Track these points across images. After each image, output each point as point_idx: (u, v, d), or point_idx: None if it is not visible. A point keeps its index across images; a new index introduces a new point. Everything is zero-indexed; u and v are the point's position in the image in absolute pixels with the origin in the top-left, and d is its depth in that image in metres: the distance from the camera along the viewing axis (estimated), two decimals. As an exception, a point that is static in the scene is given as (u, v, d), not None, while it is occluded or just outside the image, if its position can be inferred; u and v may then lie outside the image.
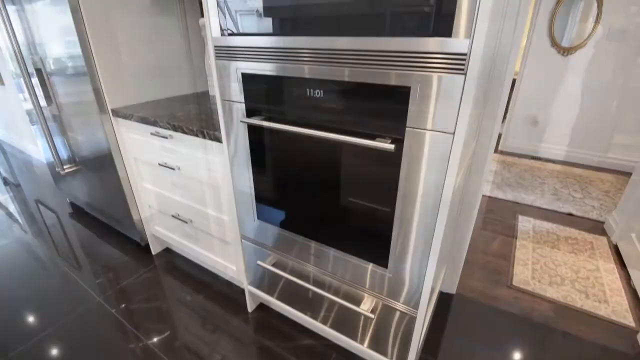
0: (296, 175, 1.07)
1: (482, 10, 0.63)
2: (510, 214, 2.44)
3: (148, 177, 1.70)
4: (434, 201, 0.84)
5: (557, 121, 3.37)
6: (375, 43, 0.76)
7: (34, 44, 1.73)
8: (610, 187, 2.86)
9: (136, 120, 1.48)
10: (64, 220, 2.38)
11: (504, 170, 3.21)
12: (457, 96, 0.72)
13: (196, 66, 1.95)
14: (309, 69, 0.88)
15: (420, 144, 0.80)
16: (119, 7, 1.52)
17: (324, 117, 0.92)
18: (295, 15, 0.85)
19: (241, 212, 1.31)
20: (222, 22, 0.99)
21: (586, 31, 3.00)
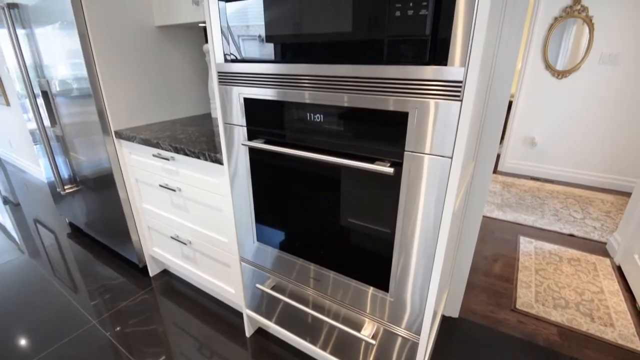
0: (296, 197, 1.08)
1: (476, 40, 0.66)
2: (512, 234, 2.42)
3: (148, 198, 1.70)
4: (434, 223, 0.84)
5: (554, 142, 3.40)
6: (373, 70, 0.78)
7: (41, 66, 1.78)
8: (610, 208, 2.86)
9: (139, 142, 1.50)
10: (61, 240, 2.37)
11: (504, 190, 3.21)
12: (453, 122, 0.73)
13: (199, 89, 1.99)
14: (309, 95, 0.91)
15: (419, 167, 0.81)
16: (125, 32, 1.57)
17: (324, 140, 0.93)
18: (295, 43, 0.88)
19: (241, 233, 1.31)
20: (226, 50, 1.02)
21: (579, 55, 3.09)
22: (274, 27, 0.89)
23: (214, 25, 1.01)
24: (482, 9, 0.64)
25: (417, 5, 0.69)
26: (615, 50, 2.96)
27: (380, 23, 0.74)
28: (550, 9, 3.11)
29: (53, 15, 1.50)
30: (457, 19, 0.66)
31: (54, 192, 2.36)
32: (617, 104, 3.06)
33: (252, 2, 0.90)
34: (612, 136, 3.15)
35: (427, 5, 0.68)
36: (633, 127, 3.05)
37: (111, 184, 1.72)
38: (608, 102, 3.09)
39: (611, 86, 3.04)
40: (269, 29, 0.90)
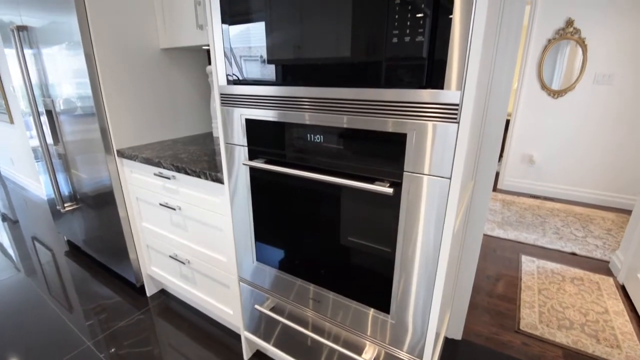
0: (296, 216, 1.08)
1: (471, 66, 0.68)
2: (513, 253, 2.40)
3: (148, 216, 1.70)
4: (434, 243, 0.84)
5: (553, 160, 3.43)
6: (372, 93, 0.80)
7: (47, 85, 1.81)
8: (612, 226, 2.85)
9: (140, 161, 1.52)
10: (59, 258, 2.35)
11: (504, 208, 3.21)
12: (451, 143, 0.74)
13: (202, 108, 2.03)
14: (309, 116, 0.92)
15: (418, 187, 0.82)
16: (130, 54, 1.61)
17: (324, 160, 0.95)
18: (296, 67, 0.90)
19: (240, 253, 1.30)
20: (228, 71, 1.05)
21: (574, 75, 3.15)
22: (275, 51, 0.92)
23: (217, 49, 1.04)
24: (476, 36, 0.66)
25: (414, 32, 0.71)
26: (609, 71, 3.02)
27: (378, 48, 0.76)
28: (544, 32, 3.20)
29: (60, 36, 1.55)
30: (453, 45, 0.69)
31: (54, 210, 2.36)
32: (614, 123, 3.10)
33: (254, 26, 0.93)
34: (610, 154, 3.18)
35: (423, 32, 0.70)
36: (631, 145, 3.08)
37: (111, 202, 1.72)
38: (605, 121, 3.13)
39: (607, 105, 3.09)
40: (271, 53, 0.93)
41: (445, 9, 0.68)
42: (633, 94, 2.98)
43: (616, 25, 2.92)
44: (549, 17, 3.14)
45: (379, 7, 0.74)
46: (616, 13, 2.89)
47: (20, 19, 1.77)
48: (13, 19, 1.83)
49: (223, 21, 0.99)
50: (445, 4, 0.67)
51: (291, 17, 0.86)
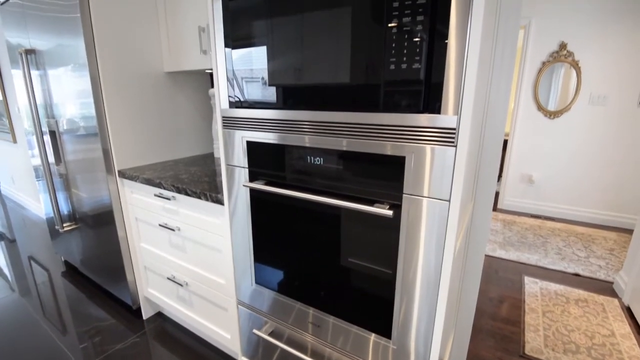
0: (296, 237, 1.07)
1: (466, 91, 0.70)
2: (516, 274, 2.37)
3: (147, 237, 1.69)
4: (435, 265, 0.84)
5: (552, 180, 3.44)
6: (371, 117, 0.82)
7: (51, 105, 1.85)
8: (614, 245, 2.82)
9: (141, 181, 1.52)
10: (55, 279, 2.31)
11: (505, 229, 3.19)
12: (449, 166, 0.75)
13: (203, 129, 2.06)
14: (309, 139, 0.94)
15: (418, 209, 0.82)
16: (135, 76, 1.65)
17: (324, 182, 0.95)
18: (296, 91, 0.92)
19: (239, 275, 1.28)
20: (230, 93, 1.07)
21: (569, 96, 3.21)
22: (276, 75, 0.94)
23: (220, 74, 1.06)
24: (471, 62, 0.68)
25: (410, 59, 0.74)
26: (603, 92, 3.08)
27: (376, 74, 0.78)
28: (538, 54, 3.28)
29: (67, 58, 1.59)
30: (449, 71, 0.71)
31: (52, 229, 2.35)
32: (612, 142, 3.13)
33: (256, 51, 0.96)
34: (609, 174, 3.19)
35: (420, 60, 0.73)
36: (630, 164, 3.10)
37: (110, 222, 1.71)
38: (602, 141, 3.16)
39: (603, 125, 3.13)
40: (272, 77, 0.95)
41: (440, 36, 0.70)
42: (628, 114, 3.03)
43: (608, 47, 3.00)
44: (542, 40, 3.23)
45: (376, 35, 0.76)
46: (608, 36, 2.98)
47: (28, 41, 1.83)
48: (22, 41, 1.89)
49: (226, 45, 1.03)
50: (440, 31, 0.70)
51: (292, 43, 0.89)
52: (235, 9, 0.98)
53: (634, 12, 2.86)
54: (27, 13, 1.76)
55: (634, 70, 2.95)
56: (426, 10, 0.70)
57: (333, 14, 0.81)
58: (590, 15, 3.01)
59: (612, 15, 2.93)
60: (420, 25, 0.71)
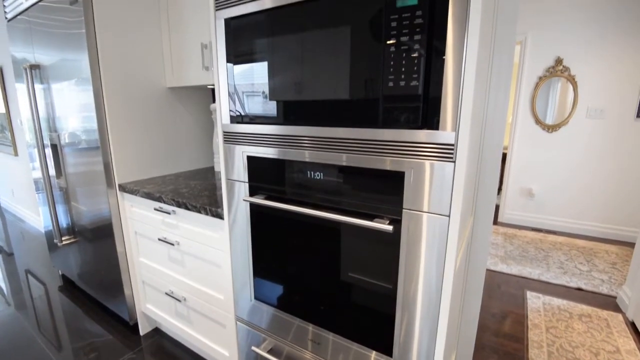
0: (296, 252, 1.07)
1: (464, 108, 0.71)
2: (518, 289, 2.34)
3: (145, 251, 1.68)
4: (436, 281, 0.83)
5: (553, 193, 3.44)
6: (370, 133, 0.83)
7: (54, 119, 1.86)
8: (616, 259, 2.80)
9: (142, 195, 1.53)
10: (52, 293, 2.28)
11: (506, 242, 3.17)
12: (448, 181, 0.76)
13: (204, 143, 2.07)
14: (309, 154, 0.94)
15: (418, 224, 0.82)
16: (137, 91, 1.67)
17: (324, 197, 0.95)
18: (297, 107, 0.93)
19: (237, 290, 1.27)
20: (232, 111, 1.08)
21: (567, 110, 3.25)
22: (277, 92, 0.96)
23: (222, 91, 1.08)
24: (468, 80, 0.70)
25: (409, 77, 0.75)
26: (600, 105, 3.12)
27: (375, 91, 0.80)
28: (535, 69, 3.33)
29: (70, 72, 1.61)
30: (446, 89, 0.72)
31: (50, 243, 2.33)
32: (611, 156, 3.14)
33: (257, 68, 0.98)
34: (609, 187, 3.19)
35: (417, 77, 0.74)
36: (630, 177, 3.11)
37: (109, 236, 1.71)
38: (601, 154, 3.18)
39: (602, 138, 3.16)
40: (273, 94, 0.97)
41: (437, 54, 0.72)
42: (626, 127, 3.05)
43: (603, 62, 3.05)
44: (539, 55, 3.29)
45: (375, 53, 0.78)
46: (603, 51, 3.04)
47: (33, 56, 1.86)
48: (27, 56, 1.92)
49: (228, 61, 1.05)
50: (437, 50, 0.71)
51: (292, 61, 0.91)
52: (236, 27, 1.01)
53: (628, 28, 2.93)
54: (33, 29, 1.80)
55: (630, 84, 2.99)
56: (423, 29, 0.72)
57: (333, 32, 0.83)
58: (584, 31, 3.07)
59: (606, 31, 2.99)
60: (417, 44, 0.73)
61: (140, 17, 1.62)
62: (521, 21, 3.27)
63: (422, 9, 0.71)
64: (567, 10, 3.10)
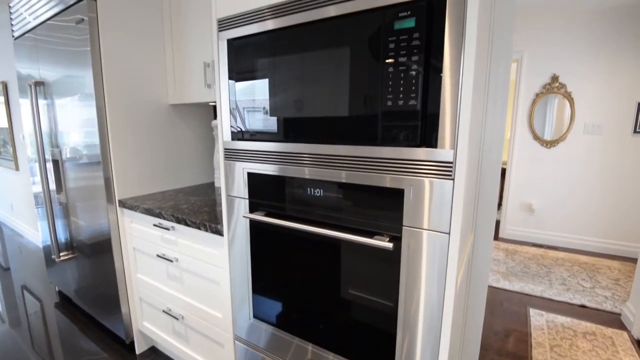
0: (295, 269, 1.06)
1: (462, 127, 0.72)
2: (520, 306, 2.31)
3: (144, 268, 1.66)
4: (438, 299, 0.82)
5: (553, 208, 3.43)
6: (369, 151, 0.84)
7: (56, 134, 1.88)
8: (619, 275, 2.77)
9: (141, 211, 1.52)
10: (47, 309, 2.25)
11: (508, 258, 3.15)
12: (448, 199, 0.76)
13: (205, 159, 2.08)
14: (309, 171, 0.95)
15: (418, 242, 0.82)
16: (140, 108, 1.69)
17: (324, 214, 0.95)
18: (297, 124, 0.95)
19: (236, 308, 1.25)
20: (233, 127, 1.10)
21: (564, 126, 3.28)
22: (277, 111, 0.97)
23: (224, 108, 1.10)
24: (465, 99, 0.71)
25: (407, 96, 0.76)
26: (597, 121, 3.15)
27: (375, 110, 0.81)
28: (531, 86, 3.39)
29: (74, 88, 1.64)
30: (444, 107, 0.73)
31: (48, 258, 2.31)
32: (610, 171, 3.16)
33: (259, 86, 1.00)
34: (609, 202, 3.19)
35: (416, 97, 0.75)
36: (629, 193, 3.11)
37: (108, 251, 1.69)
38: (600, 169, 3.19)
39: (600, 154, 3.17)
40: (273, 112, 0.98)
41: (435, 75, 0.73)
42: (623, 142, 3.08)
43: (599, 79, 3.10)
44: (535, 73, 3.35)
45: (374, 73, 0.80)
46: (598, 68, 3.09)
47: (38, 72, 1.89)
48: (32, 72, 1.95)
49: (230, 78, 1.07)
50: (435, 70, 0.73)
51: (293, 81, 0.93)
52: (239, 47, 1.03)
53: (623, 44, 2.99)
54: (39, 46, 1.84)
55: (626, 100, 3.03)
56: (420, 50, 0.73)
57: (332, 53, 0.85)
58: (579, 48, 3.13)
59: (601, 48, 3.06)
60: (415, 64, 0.74)
61: (145, 36, 1.66)
62: (517, 39, 3.34)
63: (419, 31, 0.73)
64: (562, 29, 3.18)
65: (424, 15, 0.72)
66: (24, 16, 1.92)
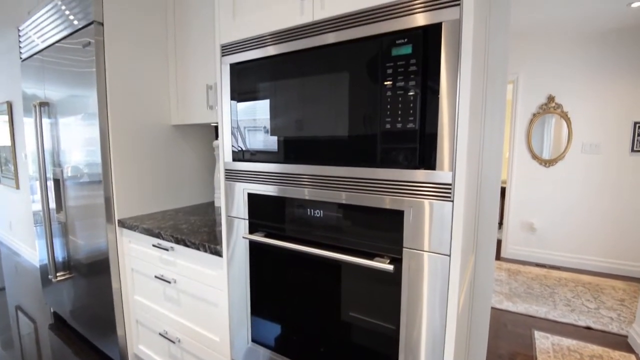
0: (295, 291, 1.05)
1: (459, 149, 0.73)
2: (525, 328, 2.26)
3: (141, 289, 1.64)
4: (440, 321, 0.81)
5: (554, 227, 3.41)
6: (368, 172, 0.85)
7: (58, 153, 1.89)
8: (624, 295, 2.72)
9: (141, 231, 1.52)
10: (41, 331, 2.20)
11: (510, 279, 3.10)
12: (447, 221, 0.76)
13: (205, 179, 2.09)
14: (309, 192, 0.96)
15: (419, 264, 0.81)
16: (142, 128, 1.71)
17: (324, 235, 0.95)
18: (297, 146, 0.96)
19: (234, 332, 1.23)
20: (234, 147, 1.11)
21: (562, 145, 3.31)
22: (277, 132, 0.99)
23: (225, 130, 1.12)
24: (462, 122, 0.72)
25: (405, 119, 0.78)
26: (595, 141, 3.18)
27: (374, 133, 0.82)
28: (528, 107, 3.44)
29: (78, 108, 1.66)
30: (442, 130, 0.75)
31: (44, 278, 2.28)
32: (609, 189, 3.16)
33: (260, 107, 1.02)
34: (611, 221, 3.18)
35: (414, 120, 0.77)
36: (630, 211, 3.10)
37: (105, 272, 1.67)
38: (600, 188, 3.19)
39: (599, 173, 3.19)
40: (274, 134, 1.00)
41: (432, 98, 0.75)
42: (622, 161, 3.10)
43: (595, 98, 3.15)
44: (531, 93, 3.41)
45: (372, 97, 0.82)
46: (593, 87, 3.15)
47: (44, 92, 1.93)
48: (37, 92, 1.99)
49: (232, 98, 1.09)
50: (432, 94, 0.75)
51: (293, 104, 0.95)
52: (241, 70, 1.06)
53: (617, 63, 3.05)
54: (46, 67, 1.89)
55: (622, 119, 3.07)
56: (417, 75, 0.75)
57: (332, 78, 0.87)
58: (574, 69, 3.20)
59: (595, 68, 3.12)
60: (412, 89, 0.76)
61: (150, 59, 1.70)
62: (512, 61, 3.42)
63: (415, 57, 0.76)
64: (556, 50, 3.26)
65: (420, 42, 0.75)
66: (32, 39, 1.98)
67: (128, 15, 1.60)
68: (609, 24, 2.92)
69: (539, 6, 2.60)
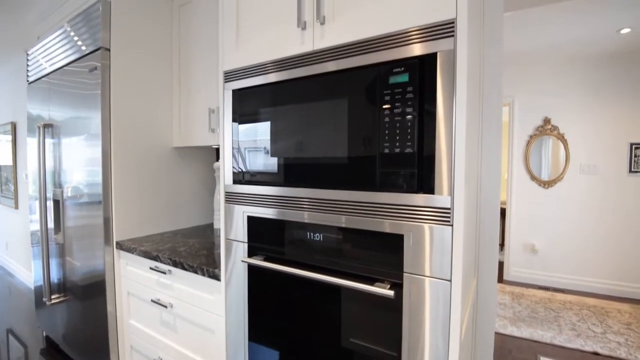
0: (294, 317, 1.02)
1: (457, 174, 0.74)
2: (530, 354, 2.19)
3: (136, 314, 1.61)
4: (442, 347, 0.79)
5: (555, 249, 3.38)
6: (368, 196, 0.85)
7: (59, 173, 1.90)
8: (630, 319, 2.66)
9: (138, 254, 1.50)
10: (32, 356, 2.13)
11: (514, 302, 3.04)
12: (447, 245, 0.76)
13: (205, 200, 2.09)
14: (308, 215, 0.96)
15: (420, 289, 0.80)
16: (144, 150, 1.73)
17: (324, 259, 0.95)
18: (296, 170, 0.97)
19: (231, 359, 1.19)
20: (235, 168, 1.12)
21: (560, 166, 3.33)
22: (278, 154, 1.00)
23: (227, 154, 1.13)
24: (459, 147, 0.74)
25: (403, 144, 0.79)
26: (592, 162, 3.21)
27: (372, 157, 0.84)
28: (525, 128, 3.49)
29: (81, 129, 1.68)
30: (440, 154, 0.76)
31: (38, 300, 2.23)
32: (609, 210, 3.15)
33: (260, 131, 1.04)
34: (611, 242, 3.15)
35: (412, 145, 0.78)
36: (631, 232, 3.08)
37: (101, 295, 1.64)
38: (599, 209, 3.19)
39: (598, 193, 3.19)
40: (274, 156, 1.01)
41: (430, 124, 0.77)
42: (620, 182, 3.11)
43: (591, 120, 3.20)
44: (527, 115, 3.47)
45: (371, 122, 0.83)
46: (589, 108, 3.20)
47: (48, 113, 1.96)
48: (42, 113, 2.02)
49: (234, 120, 1.11)
50: (429, 119, 0.77)
51: (293, 129, 0.97)
52: (243, 96, 1.09)
53: (611, 86, 3.12)
54: (52, 89, 1.93)
55: (618, 140, 3.11)
56: (414, 102, 0.77)
57: (332, 104, 0.90)
58: (569, 90, 3.27)
59: (591, 90, 3.19)
60: (410, 115, 0.78)
61: (154, 83, 1.74)
62: (508, 84, 3.50)
63: (412, 85, 0.78)
64: (551, 73, 3.34)
65: (417, 71, 0.77)
66: (40, 62, 2.03)
67: (134, 41, 1.65)
68: (601, 49, 3.01)
69: (532, 31, 2.69)
